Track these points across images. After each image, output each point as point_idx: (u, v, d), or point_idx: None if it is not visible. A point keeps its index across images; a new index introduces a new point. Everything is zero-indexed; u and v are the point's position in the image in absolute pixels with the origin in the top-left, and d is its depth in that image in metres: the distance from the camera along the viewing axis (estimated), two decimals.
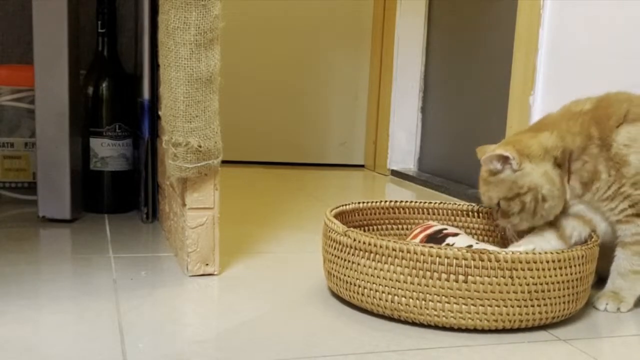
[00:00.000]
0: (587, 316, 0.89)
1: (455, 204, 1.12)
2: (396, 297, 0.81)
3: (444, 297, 0.79)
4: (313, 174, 2.17)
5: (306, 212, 1.52)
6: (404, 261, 0.79)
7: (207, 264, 0.98)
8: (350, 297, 0.86)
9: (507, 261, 0.78)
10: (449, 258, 0.78)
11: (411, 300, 0.80)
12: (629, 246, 0.90)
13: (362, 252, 0.83)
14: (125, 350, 0.70)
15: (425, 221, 1.10)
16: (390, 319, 0.83)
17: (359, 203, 1.05)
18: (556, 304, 0.81)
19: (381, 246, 0.81)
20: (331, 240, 0.88)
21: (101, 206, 1.36)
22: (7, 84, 1.39)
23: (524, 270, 0.78)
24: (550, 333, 0.82)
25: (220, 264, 1.00)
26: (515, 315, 0.80)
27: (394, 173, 2.22)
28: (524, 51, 1.51)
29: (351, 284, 0.85)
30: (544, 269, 0.79)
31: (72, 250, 1.08)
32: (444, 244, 0.93)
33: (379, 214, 1.08)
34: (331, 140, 2.38)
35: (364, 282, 0.83)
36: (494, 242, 1.09)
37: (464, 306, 0.79)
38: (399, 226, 1.10)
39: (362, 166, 2.41)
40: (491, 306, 0.79)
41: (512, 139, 0.95)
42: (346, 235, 0.85)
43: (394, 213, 1.10)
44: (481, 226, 1.11)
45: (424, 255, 0.79)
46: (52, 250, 1.07)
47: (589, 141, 0.88)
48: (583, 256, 0.83)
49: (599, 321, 0.88)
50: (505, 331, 0.81)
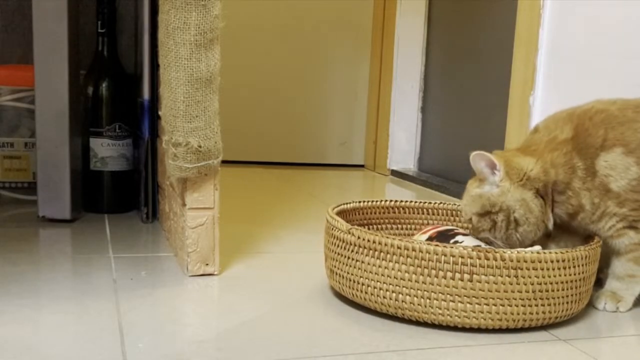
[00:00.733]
0: (587, 316, 0.89)
1: (455, 204, 1.12)
2: (400, 296, 0.81)
3: (448, 296, 0.79)
4: (313, 174, 2.17)
5: (306, 212, 1.52)
6: (409, 259, 0.79)
7: (207, 264, 0.98)
8: (354, 295, 0.86)
9: (512, 260, 0.78)
10: (454, 256, 0.78)
11: (416, 299, 0.80)
12: (624, 255, 0.91)
13: (366, 250, 0.83)
14: (125, 350, 0.70)
15: (430, 222, 1.11)
16: (391, 318, 0.83)
17: (359, 202, 1.05)
18: (560, 303, 0.81)
19: (386, 244, 0.81)
20: (334, 238, 0.88)
21: (101, 206, 1.36)
22: (7, 84, 1.39)
23: (529, 269, 0.78)
24: (551, 333, 0.82)
25: (220, 264, 1.00)
26: (519, 314, 0.80)
27: (394, 173, 2.22)
28: (524, 51, 1.51)
29: (354, 282, 0.85)
30: (548, 269, 0.79)
31: (72, 250, 1.08)
32: (452, 241, 0.93)
33: (379, 213, 1.08)
34: (331, 140, 2.38)
35: (367, 280, 0.83)
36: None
37: (468, 305, 0.79)
38: (399, 225, 1.10)
39: (362, 166, 2.41)
40: (496, 305, 0.79)
41: (507, 154, 0.95)
42: (350, 233, 0.85)
43: (394, 212, 1.10)
44: None
45: (429, 253, 0.78)
46: (52, 250, 1.07)
47: (573, 174, 0.89)
48: (586, 256, 0.83)
49: (598, 321, 0.88)
50: (506, 331, 0.81)
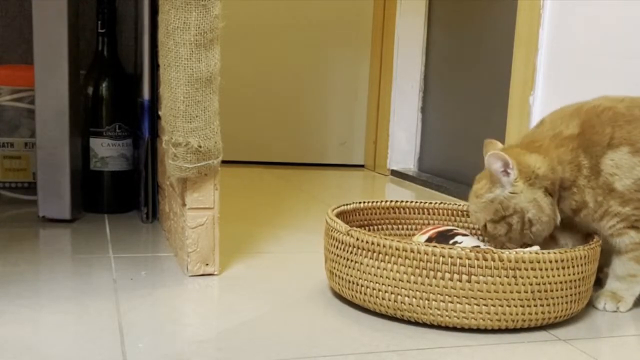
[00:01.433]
0: (587, 316, 0.89)
1: (455, 204, 1.12)
2: (399, 297, 0.81)
3: (447, 297, 0.79)
4: (313, 174, 2.17)
5: (306, 212, 1.52)
6: (408, 260, 0.79)
7: (207, 264, 0.98)
8: (353, 296, 0.86)
9: (510, 261, 0.78)
10: (452, 258, 0.78)
11: (414, 300, 0.80)
12: (625, 254, 0.91)
13: (365, 252, 0.83)
14: (125, 350, 0.70)
15: (430, 222, 1.11)
16: (391, 319, 0.83)
17: (359, 203, 1.05)
18: (559, 303, 0.81)
19: (385, 245, 0.81)
20: (334, 239, 0.88)
21: (101, 206, 1.36)
22: (7, 84, 1.39)
23: (527, 270, 0.78)
24: (550, 333, 0.82)
25: (220, 264, 1.00)
26: (518, 315, 0.80)
27: (394, 173, 2.22)
28: (524, 51, 1.51)
29: (354, 283, 0.85)
30: (547, 269, 0.79)
31: (72, 250, 1.08)
32: (452, 241, 0.93)
33: (379, 213, 1.08)
34: (331, 140, 2.38)
35: (367, 281, 0.83)
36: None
37: (467, 306, 0.79)
38: (400, 226, 1.10)
39: (362, 166, 2.41)
40: (494, 306, 0.79)
41: (513, 152, 0.94)
42: (349, 234, 0.85)
43: (394, 213, 1.10)
44: None
45: (428, 254, 0.78)
46: (52, 250, 1.07)
47: (579, 172, 0.90)
48: (586, 256, 0.83)
49: (598, 321, 0.88)
50: (505, 331, 0.81)
